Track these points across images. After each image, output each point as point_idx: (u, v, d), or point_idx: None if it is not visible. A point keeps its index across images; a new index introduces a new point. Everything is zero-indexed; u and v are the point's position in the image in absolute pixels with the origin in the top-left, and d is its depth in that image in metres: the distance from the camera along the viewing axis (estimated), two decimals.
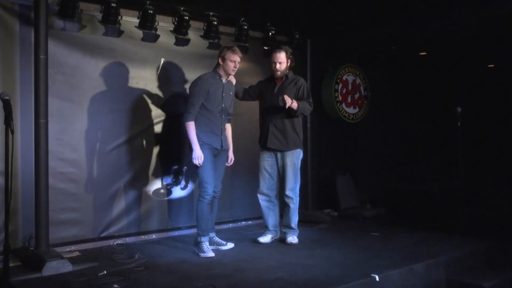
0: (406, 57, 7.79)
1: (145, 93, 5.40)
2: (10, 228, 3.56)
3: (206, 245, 4.72)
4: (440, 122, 7.97)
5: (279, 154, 5.14)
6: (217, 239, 4.96)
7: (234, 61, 4.76)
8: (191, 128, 4.66)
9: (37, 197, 4.33)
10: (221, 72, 4.82)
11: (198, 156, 4.64)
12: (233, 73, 4.87)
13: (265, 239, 5.22)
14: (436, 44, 7.07)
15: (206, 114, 4.74)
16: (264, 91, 5.21)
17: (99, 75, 5.08)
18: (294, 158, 5.14)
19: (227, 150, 5.03)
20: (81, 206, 4.96)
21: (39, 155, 4.32)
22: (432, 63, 8.09)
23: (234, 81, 5.06)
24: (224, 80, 4.85)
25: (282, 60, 5.06)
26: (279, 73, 5.09)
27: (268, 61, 5.67)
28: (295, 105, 4.93)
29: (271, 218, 5.28)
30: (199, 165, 4.66)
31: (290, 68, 5.18)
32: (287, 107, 4.89)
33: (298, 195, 5.19)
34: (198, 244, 4.73)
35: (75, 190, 4.93)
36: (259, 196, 5.23)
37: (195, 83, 4.80)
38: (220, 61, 4.79)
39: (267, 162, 5.18)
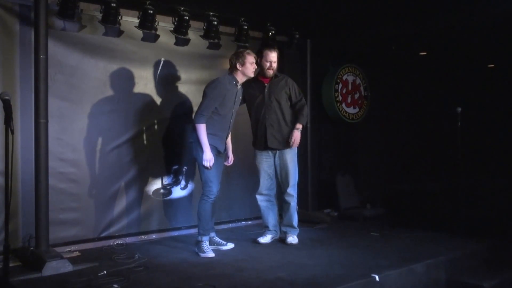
0: (406, 57, 7.79)
1: (145, 93, 5.40)
2: (10, 228, 3.57)
3: (206, 244, 4.72)
4: (440, 122, 7.96)
5: (277, 153, 5.13)
6: (217, 239, 4.96)
7: (252, 62, 4.77)
8: (203, 130, 4.62)
9: (37, 197, 4.33)
10: (239, 77, 4.79)
11: (209, 158, 4.62)
12: (253, 75, 4.85)
13: (265, 239, 5.22)
14: (436, 44, 7.08)
15: (217, 118, 4.72)
16: (252, 92, 5.12)
17: (99, 75, 5.08)
18: (293, 155, 5.14)
19: (227, 151, 5.04)
20: (81, 206, 4.96)
21: (39, 155, 4.32)
22: (432, 63, 8.09)
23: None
24: (239, 86, 4.83)
25: (276, 60, 5.04)
26: (271, 72, 5.05)
27: None
28: (300, 127, 5.03)
29: (271, 218, 5.27)
30: (209, 168, 4.65)
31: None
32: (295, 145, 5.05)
33: (296, 192, 5.21)
34: (198, 243, 4.73)
35: (75, 190, 4.93)
36: (258, 197, 5.22)
37: (213, 87, 4.71)
38: (238, 66, 4.74)
39: (266, 163, 5.17)
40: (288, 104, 5.11)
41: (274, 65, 5.03)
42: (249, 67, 4.75)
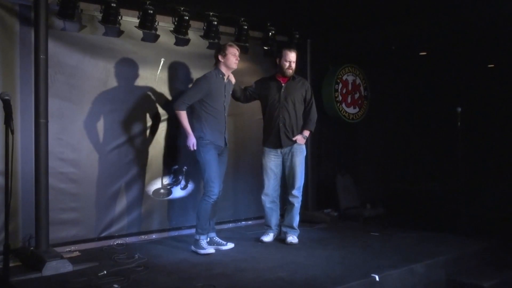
0: (406, 57, 7.79)
1: (145, 93, 5.40)
2: (10, 228, 3.57)
3: (204, 242, 4.72)
4: (440, 122, 7.96)
5: (287, 155, 5.15)
6: (217, 239, 4.96)
7: (235, 54, 4.85)
8: (184, 116, 4.74)
9: (37, 197, 4.33)
10: (223, 69, 4.86)
11: (193, 142, 4.73)
12: (236, 66, 4.91)
13: (268, 238, 5.26)
14: (436, 44, 7.07)
15: (212, 112, 4.77)
16: (268, 90, 5.21)
17: (99, 75, 5.08)
18: (302, 157, 5.19)
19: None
20: (81, 206, 4.96)
21: (39, 155, 4.32)
22: (432, 63, 8.09)
23: (234, 81, 5.08)
24: (225, 79, 4.88)
25: (295, 60, 5.15)
26: (290, 71, 5.14)
27: (268, 61, 5.67)
28: (307, 133, 5.19)
29: (274, 218, 5.30)
30: (193, 150, 4.73)
31: None
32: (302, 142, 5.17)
33: (301, 195, 5.22)
34: (196, 241, 4.73)
35: (75, 190, 4.93)
36: (264, 198, 5.23)
37: (199, 80, 4.85)
38: (220, 58, 4.84)
39: (274, 162, 5.19)
40: (303, 106, 5.22)
41: (293, 65, 5.14)
42: (231, 58, 4.82)
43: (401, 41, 7.01)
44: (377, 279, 3.90)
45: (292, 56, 5.12)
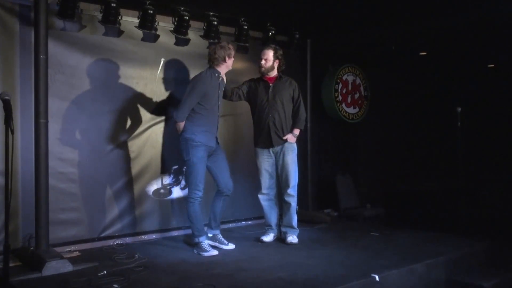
0: (406, 57, 7.79)
1: (145, 93, 5.40)
2: (10, 228, 3.57)
3: (206, 243, 4.72)
4: (440, 122, 7.97)
5: (278, 154, 5.15)
6: (220, 237, 4.95)
7: (233, 56, 4.88)
8: (183, 125, 4.75)
9: (37, 197, 4.32)
10: (222, 70, 4.84)
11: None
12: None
13: (269, 237, 5.26)
14: (436, 44, 7.08)
15: (205, 113, 4.75)
16: (256, 91, 5.20)
17: (99, 75, 5.08)
18: (293, 155, 5.18)
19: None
20: (81, 206, 4.96)
21: (39, 155, 4.32)
22: (432, 63, 8.09)
23: (225, 79, 5.07)
24: (220, 78, 4.86)
25: (267, 58, 5.12)
26: (263, 69, 5.15)
27: None
28: (297, 132, 5.16)
29: (273, 217, 5.30)
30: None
31: (280, 68, 5.20)
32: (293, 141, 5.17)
33: (296, 193, 5.23)
34: (197, 245, 4.72)
35: (75, 190, 4.92)
36: (261, 197, 5.24)
37: (194, 83, 4.77)
38: (227, 59, 4.80)
39: (267, 162, 5.19)
40: (291, 105, 5.21)
41: (266, 63, 5.11)
42: (232, 60, 4.87)
43: (401, 41, 7.02)
44: (377, 279, 3.90)
45: (265, 53, 5.12)
